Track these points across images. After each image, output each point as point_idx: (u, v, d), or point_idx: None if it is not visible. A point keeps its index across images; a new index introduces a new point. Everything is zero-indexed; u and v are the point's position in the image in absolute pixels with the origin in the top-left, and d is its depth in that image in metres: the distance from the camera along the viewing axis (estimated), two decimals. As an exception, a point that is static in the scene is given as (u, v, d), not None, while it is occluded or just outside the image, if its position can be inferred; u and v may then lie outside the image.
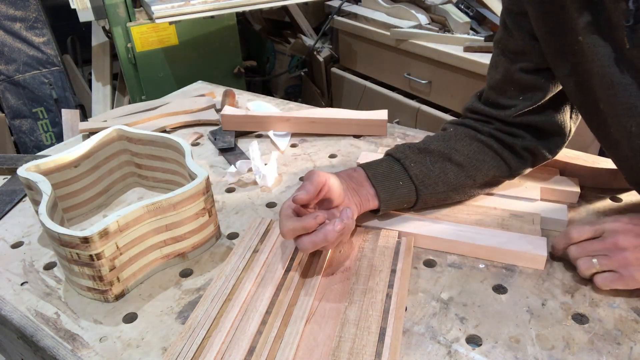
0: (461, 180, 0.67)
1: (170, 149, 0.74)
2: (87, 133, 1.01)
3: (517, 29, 0.62)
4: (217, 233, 0.69)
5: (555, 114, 0.66)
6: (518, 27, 0.61)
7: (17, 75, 2.01)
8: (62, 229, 0.55)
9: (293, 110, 1.01)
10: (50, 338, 0.55)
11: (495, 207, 0.69)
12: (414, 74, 1.67)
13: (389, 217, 0.68)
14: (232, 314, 0.54)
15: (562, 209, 0.68)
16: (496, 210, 0.68)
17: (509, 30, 0.63)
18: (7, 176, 0.89)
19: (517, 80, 0.64)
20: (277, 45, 2.39)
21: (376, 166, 0.67)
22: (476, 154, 0.67)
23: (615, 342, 0.50)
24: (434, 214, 0.69)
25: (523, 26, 0.61)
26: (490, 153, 0.68)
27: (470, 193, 0.69)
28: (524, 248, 0.60)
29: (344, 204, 0.62)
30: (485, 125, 0.69)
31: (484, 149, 0.68)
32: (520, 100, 0.65)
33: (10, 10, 1.95)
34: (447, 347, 0.51)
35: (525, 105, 0.65)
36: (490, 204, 0.70)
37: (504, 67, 0.65)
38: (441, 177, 0.66)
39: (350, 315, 0.53)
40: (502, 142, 0.68)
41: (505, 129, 0.68)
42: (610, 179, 0.73)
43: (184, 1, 1.59)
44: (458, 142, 0.68)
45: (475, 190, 0.69)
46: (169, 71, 1.84)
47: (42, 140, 2.10)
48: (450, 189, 0.67)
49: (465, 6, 1.58)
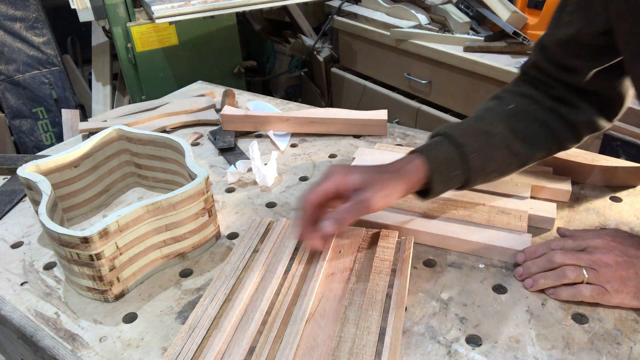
0: (512, 168, 0.64)
1: (170, 149, 0.74)
2: (87, 133, 1.01)
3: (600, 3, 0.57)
4: (217, 233, 0.69)
5: (621, 79, 0.63)
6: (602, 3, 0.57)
7: (17, 75, 2.01)
8: (62, 229, 0.55)
9: (293, 110, 1.01)
10: (50, 338, 0.55)
11: (484, 204, 0.69)
12: (414, 74, 1.67)
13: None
14: (232, 314, 0.54)
15: (550, 206, 0.68)
16: (485, 207, 0.69)
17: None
18: (7, 176, 0.89)
19: (590, 41, 0.60)
20: (277, 45, 2.39)
21: (435, 150, 0.60)
22: (534, 139, 0.63)
23: (615, 342, 0.50)
24: (422, 209, 0.69)
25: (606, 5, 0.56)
26: (549, 135, 0.64)
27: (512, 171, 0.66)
28: (508, 244, 0.61)
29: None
30: (549, 91, 0.65)
31: (543, 131, 0.64)
32: (589, 62, 0.61)
33: (10, 10, 1.94)
34: (447, 347, 0.51)
35: (594, 67, 0.61)
36: (480, 200, 0.70)
37: (577, 27, 0.60)
38: (496, 168, 0.63)
39: (350, 315, 0.53)
40: (565, 119, 0.64)
41: (571, 98, 0.64)
42: (609, 177, 0.73)
43: (184, 1, 1.59)
44: (519, 122, 0.63)
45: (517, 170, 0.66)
46: (169, 71, 1.84)
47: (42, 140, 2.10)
48: (498, 176, 0.64)
49: (465, 6, 1.58)
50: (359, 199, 0.56)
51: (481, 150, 0.60)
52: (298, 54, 2.27)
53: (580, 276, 0.54)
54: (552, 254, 0.57)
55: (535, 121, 0.64)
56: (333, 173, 0.58)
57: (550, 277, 0.56)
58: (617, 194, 0.72)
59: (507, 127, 0.62)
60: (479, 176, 0.62)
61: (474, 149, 0.60)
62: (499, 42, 1.44)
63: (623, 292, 0.53)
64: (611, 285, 0.53)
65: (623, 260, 0.54)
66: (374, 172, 0.58)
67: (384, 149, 0.86)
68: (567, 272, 0.55)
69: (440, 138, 0.62)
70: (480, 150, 0.60)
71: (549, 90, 0.65)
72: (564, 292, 0.55)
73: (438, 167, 0.59)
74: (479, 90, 1.45)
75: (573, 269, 0.55)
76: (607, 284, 0.53)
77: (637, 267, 0.53)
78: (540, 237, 0.65)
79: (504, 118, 0.63)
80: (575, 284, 0.55)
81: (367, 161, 0.82)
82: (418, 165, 0.59)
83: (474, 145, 0.60)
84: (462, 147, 0.60)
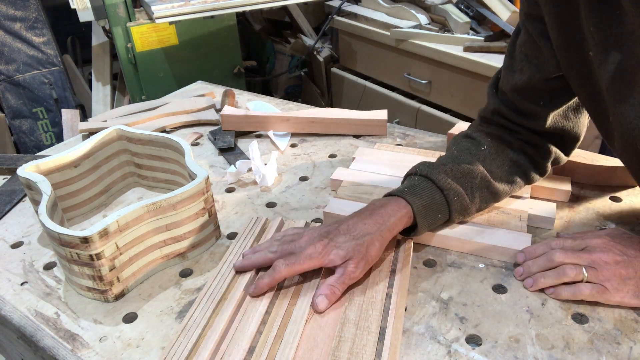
0: (489, 205, 0.67)
1: (170, 149, 0.74)
2: (87, 133, 1.01)
3: (539, 35, 0.60)
4: (217, 233, 0.69)
5: (580, 116, 0.66)
6: (540, 33, 0.60)
7: (17, 75, 2.01)
8: (62, 229, 0.55)
9: (293, 110, 1.01)
10: (50, 338, 0.55)
11: None
12: (414, 74, 1.67)
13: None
14: (226, 313, 0.54)
15: (550, 206, 0.68)
16: None
17: (530, 35, 0.61)
18: (7, 176, 0.89)
19: (544, 87, 0.63)
20: (277, 45, 2.39)
21: (420, 195, 0.61)
22: (509, 176, 0.67)
23: (615, 342, 0.50)
24: None
25: (544, 31, 0.59)
26: (520, 173, 0.67)
27: None
28: (508, 244, 0.61)
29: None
30: (515, 135, 0.68)
31: (515, 170, 0.67)
32: (547, 107, 0.64)
33: (10, 10, 1.94)
34: (447, 346, 0.51)
35: (552, 110, 0.64)
36: None
37: (530, 74, 0.63)
38: (476, 206, 0.65)
39: (350, 315, 0.53)
40: (531, 158, 0.67)
41: (535, 140, 0.67)
42: (609, 176, 0.73)
43: (184, 1, 1.59)
44: (494, 163, 0.66)
45: None
46: (169, 71, 1.84)
47: (42, 140, 2.10)
48: (475, 212, 0.66)
49: (465, 6, 1.58)
50: (345, 272, 0.55)
51: (461, 197, 0.62)
52: (298, 54, 2.27)
53: (580, 275, 0.54)
54: (552, 253, 0.57)
55: (508, 161, 0.67)
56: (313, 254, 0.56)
57: (550, 276, 0.56)
58: (617, 194, 0.72)
59: (484, 169, 0.65)
60: (460, 216, 0.64)
61: (455, 192, 0.62)
62: (499, 42, 1.44)
63: (623, 290, 0.53)
64: (611, 284, 0.53)
65: (622, 259, 0.54)
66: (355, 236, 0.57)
67: (384, 149, 0.86)
68: (567, 271, 0.55)
69: (421, 180, 0.63)
70: (461, 196, 0.62)
71: (514, 134, 0.68)
72: (564, 291, 0.55)
73: (422, 212, 0.61)
74: (479, 90, 1.45)
75: (573, 267, 0.55)
76: (606, 282, 0.53)
77: (636, 266, 0.53)
78: (540, 237, 0.65)
79: (481, 159, 0.66)
80: (575, 283, 0.55)
81: (367, 161, 0.82)
82: (402, 216, 0.60)
83: (457, 189, 0.62)
84: (445, 191, 0.62)
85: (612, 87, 0.52)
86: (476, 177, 0.64)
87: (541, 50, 0.61)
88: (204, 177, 0.63)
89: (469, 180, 0.63)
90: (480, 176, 0.64)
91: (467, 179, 0.63)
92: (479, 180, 0.64)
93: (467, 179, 0.63)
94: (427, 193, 0.62)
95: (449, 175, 0.63)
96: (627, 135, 0.52)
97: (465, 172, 0.64)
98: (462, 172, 0.63)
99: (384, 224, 0.58)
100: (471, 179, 0.63)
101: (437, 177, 0.62)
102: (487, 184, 0.64)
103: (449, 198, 0.62)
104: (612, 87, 0.52)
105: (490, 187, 0.65)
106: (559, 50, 0.58)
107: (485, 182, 0.64)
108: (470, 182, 0.63)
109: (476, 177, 0.64)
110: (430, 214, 0.61)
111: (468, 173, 0.64)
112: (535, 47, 0.61)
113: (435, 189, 0.62)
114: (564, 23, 0.56)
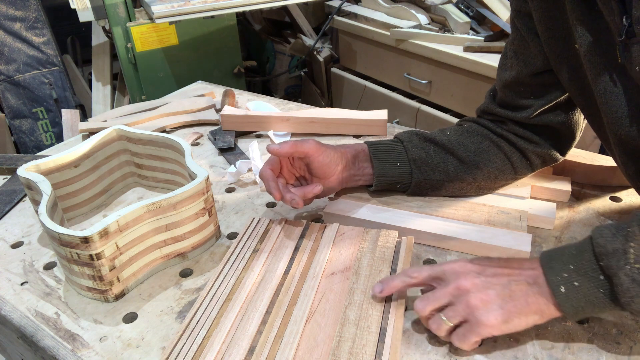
0: (460, 175, 0.67)
1: (170, 149, 0.74)
2: (87, 133, 1.01)
3: (527, 31, 0.61)
4: (217, 233, 0.69)
5: (570, 114, 0.66)
6: (527, 29, 0.61)
7: (17, 75, 2.01)
8: (62, 229, 0.55)
9: (293, 110, 1.01)
10: (50, 338, 0.55)
11: (484, 204, 0.69)
12: (414, 74, 1.67)
13: (377, 210, 0.68)
14: (232, 314, 0.54)
15: (550, 206, 0.68)
16: (485, 207, 0.69)
17: (519, 32, 0.62)
18: (7, 176, 0.89)
19: (532, 81, 0.63)
20: (277, 45, 2.39)
21: (379, 144, 0.70)
22: (483, 153, 0.68)
23: (615, 342, 0.50)
24: (421, 208, 0.69)
25: (532, 28, 0.60)
26: (499, 154, 0.68)
27: (467, 189, 0.69)
28: (508, 244, 0.61)
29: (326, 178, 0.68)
30: (500, 125, 0.69)
31: (493, 149, 0.68)
32: (536, 100, 0.64)
33: (10, 10, 1.94)
34: (447, 346, 0.51)
35: (541, 105, 0.64)
36: (479, 200, 0.70)
37: (517, 69, 0.64)
38: (440, 166, 0.67)
39: (350, 315, 0.53)
40: (514, 144, 0.68)
41: (520, 131, 0.67)
42: (609, 176, 0.73)
43: (184, 1, 1.59)
44: (468, 138, 0.69)
45: (473, 188, 0.69)
46: (169, 71, 1.84)
47: (42, 140, 2.10)
48: (446, 180, 0.67)
49: (465, 6, 1.58)
50: None
51: (422, 149, 0.68)
52: (298, 54, 2.27)
53: (443, 325, 0.49)
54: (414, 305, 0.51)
55: (486, 139, 0.69)
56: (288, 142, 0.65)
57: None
58: (617, 194, 0.72)
59: (453, 139, 0.69)
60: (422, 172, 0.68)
61: (415, 144, 0.69)
62: (499, 42, 1.44)
63: (491, 317, 0.46)
64: (479, 313, 0.47)
65: (480, 282, 0.48)
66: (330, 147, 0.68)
67: (384, 149, 0.86)
68: (431, 326, 0.50)
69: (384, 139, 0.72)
70: (421, 148, 0.68)
71: (500, 124, 0.70)
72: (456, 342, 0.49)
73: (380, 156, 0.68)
74: (479, 90, 1.45)
75: (432, 321, 0.50)
76: (469, 315, 0.47)
77: (496, 288, 0.47)
78: (540, 237, 0.65)
79: (453, 132, 0.70)
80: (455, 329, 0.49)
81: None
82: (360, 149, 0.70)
83: (416, 142, 0.69)
84: (403, 142, 0.69)
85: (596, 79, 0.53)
86: (439, 142, 0.69)
87: (529, 46, 0.62)
88: (204, 177, 0.63)
89: (432, 143, 0.69)
90: (445, 142, 0.68)
91: (430, 142, 0.69)
92: (442, 145, 0.68)
93: (431, 142, 0.69)
94: (387, 143, 0.70)
95: (414, 136, 0.70)
96: (613, 124, 0.53)
97: (430, 138, 0.69)
98: (427, 137, 0.70)
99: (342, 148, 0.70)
100: (434, 143, 0.69)
101: (401, 134, 0.71)
102: (452, 150, 0.68)
103: (407, 147, 0.68)
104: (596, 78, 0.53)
105: (456, 153, 0.68)
106: (547, 44, 0.59)
107: (449, 149, 0.68)
108: (433, 144, 0.69)
109: (439, 142, 0.69)
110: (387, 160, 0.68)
111: (432, 138, 0.69)
112: (523, 43, 0.62)
113: (396, 141, 0.71)
114: (550, 17, 0.57)
